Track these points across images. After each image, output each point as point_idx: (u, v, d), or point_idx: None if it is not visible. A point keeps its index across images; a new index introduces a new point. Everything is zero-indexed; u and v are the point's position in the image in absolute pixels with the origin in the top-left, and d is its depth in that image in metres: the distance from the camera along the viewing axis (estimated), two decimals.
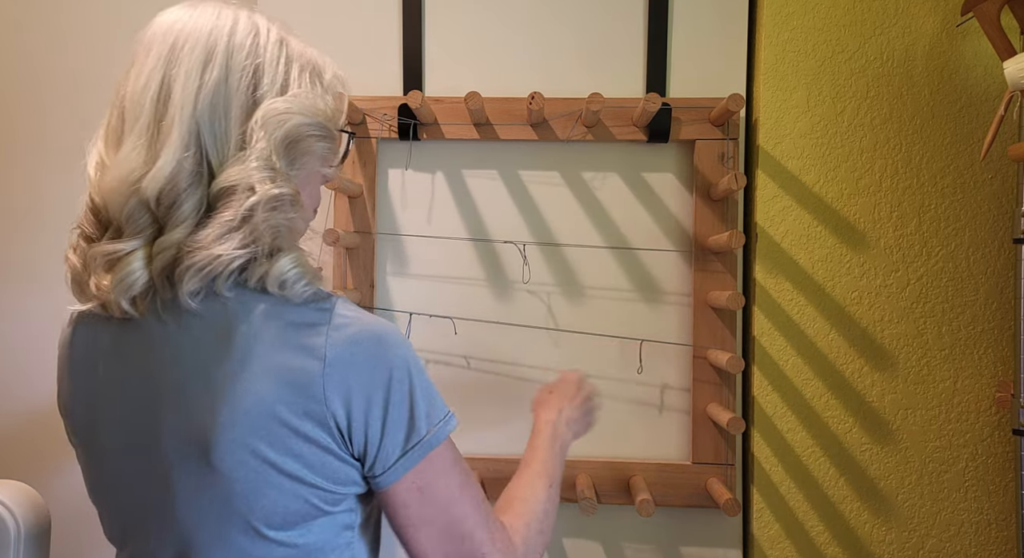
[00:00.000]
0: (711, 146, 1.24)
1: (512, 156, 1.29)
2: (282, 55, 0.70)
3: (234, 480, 0.64)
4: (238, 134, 0.66)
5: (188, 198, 0.64)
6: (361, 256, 1.27)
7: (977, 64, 1.20)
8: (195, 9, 0.69)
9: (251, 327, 0.65)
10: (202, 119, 0.65)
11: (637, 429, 1.27)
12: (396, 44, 1.30)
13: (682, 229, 1.28)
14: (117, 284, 0.65)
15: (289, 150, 0.68)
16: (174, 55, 0.66)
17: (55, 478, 1.32)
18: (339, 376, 0.64)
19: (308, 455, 0.65)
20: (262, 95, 0.67)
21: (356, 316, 0.67)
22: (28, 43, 1.42)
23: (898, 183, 1.21)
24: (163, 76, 0.66)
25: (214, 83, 0.66)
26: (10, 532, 0.89)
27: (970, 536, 1.19)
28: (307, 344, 0.64)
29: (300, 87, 0.70)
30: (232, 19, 0.68)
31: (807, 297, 1.22)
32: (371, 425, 0.66)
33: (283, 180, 0.66)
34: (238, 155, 0.65)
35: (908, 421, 1.20)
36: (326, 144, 0.72)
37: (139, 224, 0.65)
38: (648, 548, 1.26)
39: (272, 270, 0.65)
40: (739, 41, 1.26)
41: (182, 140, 0.64)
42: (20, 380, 1.41)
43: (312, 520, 0.67)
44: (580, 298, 1.28)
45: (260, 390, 0.63)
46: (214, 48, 0.67)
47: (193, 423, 0.64)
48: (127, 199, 0.64)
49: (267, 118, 0.66)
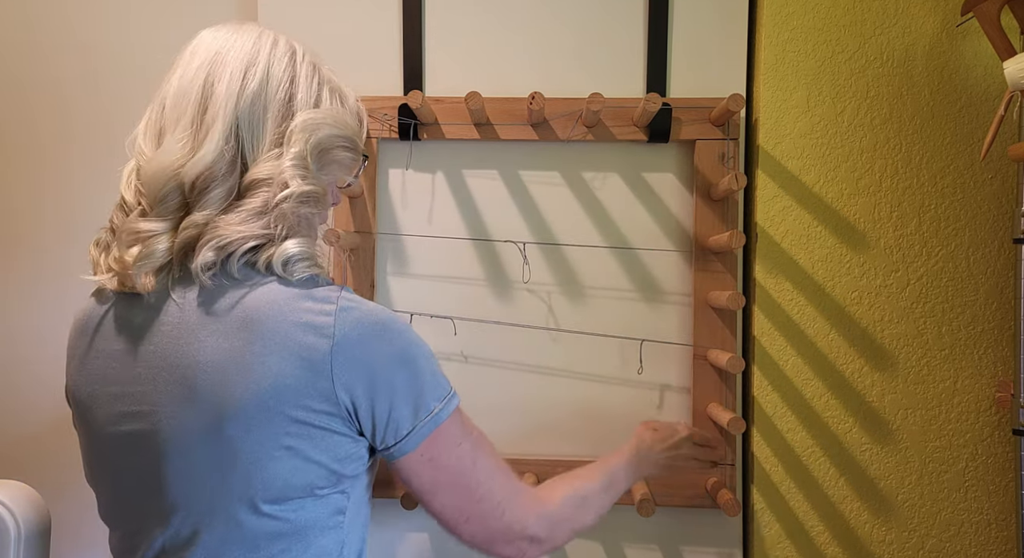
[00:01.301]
0: (711, 146, 1.24)
1: (512, 156, 1.29)
2: (315, 76, 0.77)
3: (238, 451, 0.66)
4: (274, 135, 0.72)
5: (221, 185, 0.70)
6: (361, 256, 1.27)
7: (977, 64, 1.20)
8: (239, 28, 0.76)
9: (260, 303, 0.68)
10: (242, 116, 0.71)
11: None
12: (396, 44, 1.30)
13: (682, 229, 1.28)
14: (141, 259, 0.69)
15: (320, 156, 0.75)
16: (219, 59, 0.73)
17: (55, 478, 1.31)
18: (347, 355, 0.67)
19: (313, 430, 0.67)
20: (297, 105, 0.74)
21: (362, 301, 0.71)
22: (43, 46, 1.42)
23: (898, 183, 1.21)
24: (207, 75, 0.72)
25: (255, 86, 0.72)
26: (10, 532, 0.89)
27: (970, 536, 1.19)
28: (316, 323, 0.67)
29: (331, 105, 0.77)
30: (272, 40, 0.76)
31: (807, 297, 1.22)
32: (378, 403, 0.69)
33: (313, 179, 0.73)
34: (272, 152, 0.72)
35: (908, 421, 1.20)
36: (351, 156, 0.79)
37: (169, 206, 0.70)
38: (648, 548, 1.26)
39: (278, 250, 0.70)
40: (739, 41, 1.26)
41: (223, 133, 0.70)
42: (21, 380, 1.41)
43: (306, 498, 0.69)
44: (580, 298, 1.28)
45: (269, 364, 0.66)
46: (256, 58, 0.73)
47: (198, 395, 0.66)
48: (166, 182, 0.69)
49: (305, 124, 0.73)
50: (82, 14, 1.42)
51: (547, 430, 1.28)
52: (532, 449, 1.28)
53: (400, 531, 1.28)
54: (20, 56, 1.43)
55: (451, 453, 0.73)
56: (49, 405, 1.39)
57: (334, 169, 0.78)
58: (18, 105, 1.43)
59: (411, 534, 1.28)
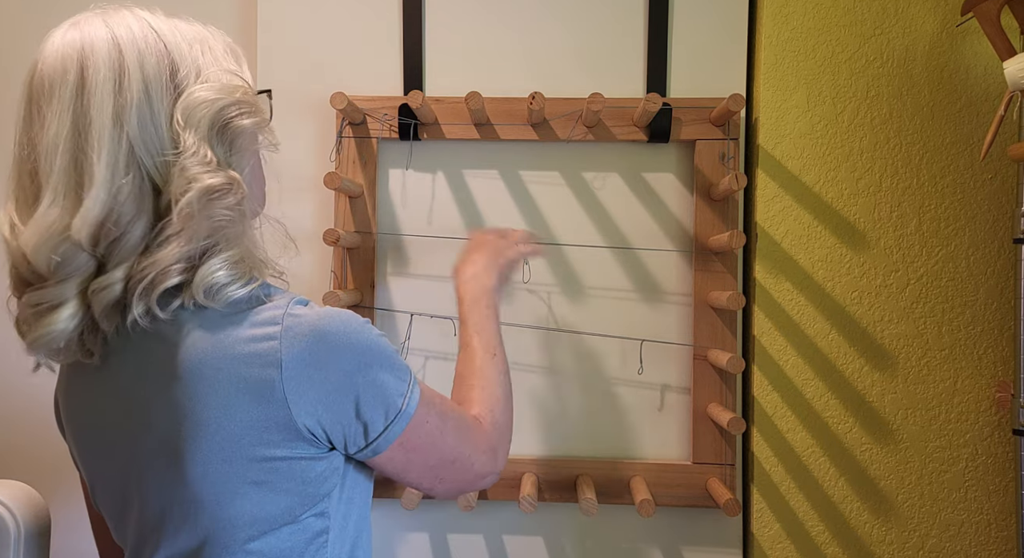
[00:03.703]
0: (711, 146, 1.24)
1: (512, 156, 1.29)
2: (182, 42, 0.65)
3: (202, 492, 0.63)
4: (170, 138, 0.62)
5: (134, 226, 0.60)
6: (361, 256, 1.27)
7: (977, 64, 1.20)
8: (77, 30, 0.63)
9: (201, 341, 0.62)
10: (135, 138, 0.60)
11: (637, 429, 1.27)
12: (396, 44, 1.30)
13: (682, 229, 1.28)
14: (38, 337, 0.61)
15: (221, 137, 0.64)
16: (80, 85, 0.60)
17: (55, 478, 1.31)
18: (300, 378, 0.62)
19: (276, 461, 0.63)
20: (181, 91, 0.63)
21: (307, 312, 0.64)
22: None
23: (898, 183, 1.21)
24: (74, 112, 0.60)
25: (136, 97, 0.61)
26: (10, 532, 0.89)
27: (970, 536, 1.19)
28: (261, 351, 0.62)
29: (205, 62, 0.65)
30: (124, 25, 0.63)
31: (807, 297, 1.22)
32: (345, 416, 0.65)
33: (217, 169, 0.63)
34: (175, 160, 0.61)
35: (908, 421, 1.20)
36: (252, 119, 0.66)
37: (70, 268, 0.60)
38: (648, 548, 1.26)
39: (198, 277, 0.61)
40: (739, 41, 1.26)
41: (111, 168, 0.59)
42: (21, 380, 1.40)
43: (279, 528, 0.65)
44: (580, 298, 1.28)
45: (220, 404, 0.61)
46: (121, 62, 0.61)
47: (158, 440, 0.63)
48: (55, 248, 0.59)
49: (187, 113, 0.62)
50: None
51: (547, 430, 1.28)
52: (532, 449, 1.28)
53: (400, 531, 1.28)
54: (20, 57, 1.43)
55: (421, 434, 0.70)
56: (49, 405, 1.39)
57: (244, 142, 0.66)
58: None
59: (411, 534, 1.28)
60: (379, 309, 1.29)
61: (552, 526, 1.27)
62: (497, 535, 1.27)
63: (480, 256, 0.95)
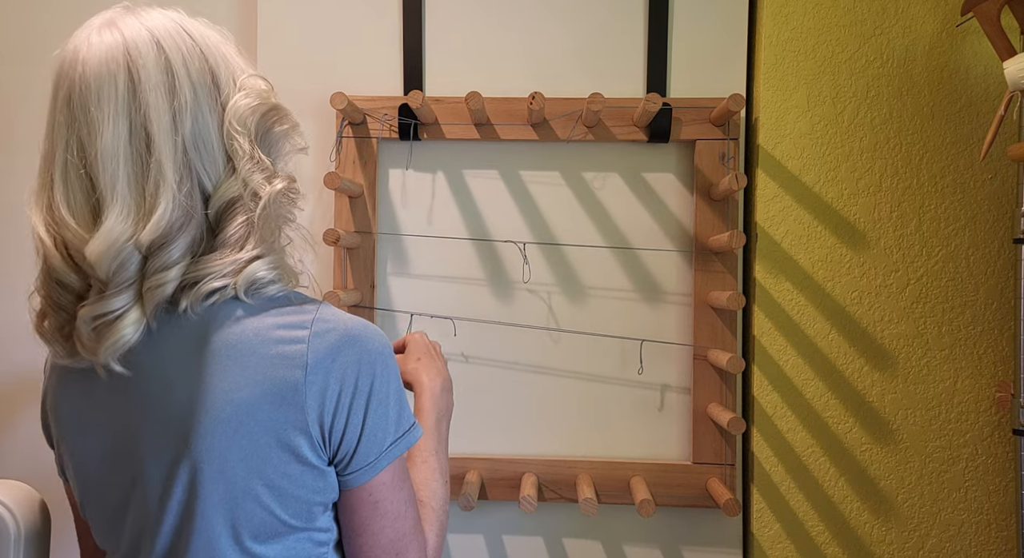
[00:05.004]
0: (711, 146, 1.24)
1: (513, 156, 1.29)
2: (211, 45, 0.65)
3: (214, 490, 0.62)
4: (221, 146, 0.63)
5: (186, 230, 0.61)
6: (361, 256, 1.27)
7: (977, 64, 1.20)
8: (115, 29, 0.62)
9: (230, 336, 0.62)
10: (188, 142, 0.61)
11: (637, 429, 1.27)
12: (396, 44, 1.30)
13: (682, 229, 1.28)
14: (108, 348, 0.61)
15: (264, 142, 0.65)
16: (132, 89, 0.60)
17: (55, 478, 1.31)
18: (320, 383, 0.62)
19: (290, 465, 0.63)
20: (226, 96, 0.64)
21: (336, 319, 0.65)
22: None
23: (898, 183, 1.21)
24: (130, 116, 0.60)
25: (189, 100, 0.61)
26: (10, 532, 0.89)
27: (970, 536, 1.19)
28: (288, 353, 0.62)
29: (240, 73, 0.66)
30: (160, 26, 0.62)
31: (807, 297, 1.22)
32: (350, 427, 0.64)
33: (275, 174, 0.65)
34: (228, 167, 0.62)
35: (908, 421, 1.20)
36: (289, 124, 0.68)
37: (129, 273, 0.61)
38: (648, 548, 1.26)
39: (243, 275, 0.62)
40: (739, 41, 1.26)
41: (175, 179, 0.60)
42: (20, 380, 1.40)
43: (286, 535, 0.65)
44: (580, 298, 1.28)
45: (241, 400, 0.61)
46: (168, 64, 0.61)
47: (172, 433, 0.62)
48: (117, 254, 0.59)
49: (239, 120, 0.63)
50: (77, 17, 1.42)
51: (547, 430, 1.28)
52: (532, 449, 1.28)
53: None
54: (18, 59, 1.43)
55: (393, 495, 0.67)
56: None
57: (282, 147, 0.68)
58: (18, 105, 1.43)
59: None
60: (379, 309, 1.29)
61: (552, 526, 1.27)
62: (497, 535, 1.28)
63: (441, 370, 0.90)
